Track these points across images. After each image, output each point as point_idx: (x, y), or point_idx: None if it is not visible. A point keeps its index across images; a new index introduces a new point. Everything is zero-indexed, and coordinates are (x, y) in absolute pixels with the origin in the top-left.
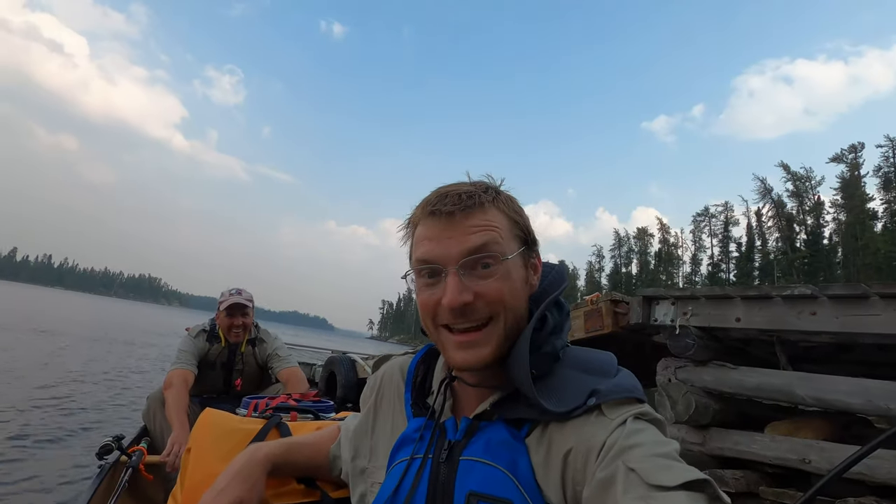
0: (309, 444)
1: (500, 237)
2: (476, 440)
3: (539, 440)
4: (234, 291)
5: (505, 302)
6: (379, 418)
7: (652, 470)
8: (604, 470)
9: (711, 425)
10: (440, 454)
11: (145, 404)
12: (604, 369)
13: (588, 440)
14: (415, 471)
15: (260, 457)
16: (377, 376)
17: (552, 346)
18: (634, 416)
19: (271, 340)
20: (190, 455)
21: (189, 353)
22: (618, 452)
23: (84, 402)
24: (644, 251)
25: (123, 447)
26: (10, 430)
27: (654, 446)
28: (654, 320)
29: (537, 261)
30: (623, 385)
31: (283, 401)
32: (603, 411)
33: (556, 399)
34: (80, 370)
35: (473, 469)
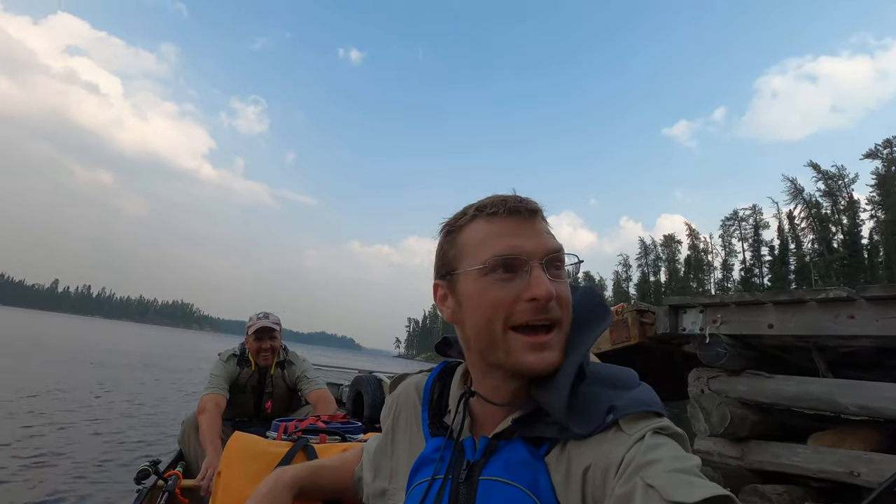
0: (334, 467)
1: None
2: (495, 459)
3: (559, 458)
4: (261, 315)
5: (569, 307)
6: (397, 439)
7: (671, 486)
8: (622, 486)
9: (749, 438)
10: (459, 474)
11: (180, 429)
12: (624, 383)
13: (607, 456)
14: (435, 492)
15: (286, 480)
16: (394, 396)
17: (581, 367)
18: (653, 430)
19: (299, 363)
20: (220, 478)
21: (221, 378)
22: (636, 468)
23: (126, 427)
24: (672, 258)
25: (160, 471)
26: (58, 454)
27: (674, 461)
28: (682, 329)
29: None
30: (640, 399)
31: (311, 423)
32: (621, 427)
33: (581, 419)
34: (124, 396)
35: (493, 489)
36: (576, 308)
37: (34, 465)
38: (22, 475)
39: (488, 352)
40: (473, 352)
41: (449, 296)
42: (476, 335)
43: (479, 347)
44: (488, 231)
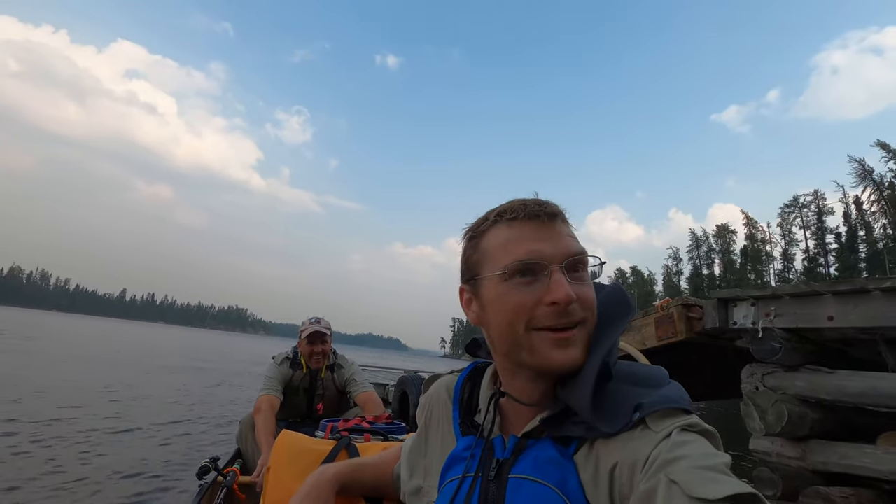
0: (374, 465)
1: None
2: (524, 458)
3: (587, 457)
4: (313, 320)
5: (592, 309)
6: (430, 438)
7: (695, 482)
8: (646, 483)
9: (810, 437)
10: (489, 472)
11: (238, 428)
12: (654, 381)
13: (633, 454)
14: (466, 490)
15: (328, 477)
16: (427, 396)
17: (606, 365)
18: (680, 427)
19: (348, 366)
20: (269, 474)
21: (275, 380)
22: (661, 465)
23: (191, 426)
24: (727, 250)
25: (219, 468)
26: (133, 451)
27: (701, 458)
28: (732, 324)
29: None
30: (668, 396)
31: (357, 423)
32: (648, 424)
33: (607, 417)
34: (191, 397)
35: (522, 487)
36: (601, 306)
37: (110, 457)
38: (102, 468)
39: (513, 353)
40: (499, 353)
41: (473, 300)
42: (500, 337)
43: (504, 349)
44: (509, 236)
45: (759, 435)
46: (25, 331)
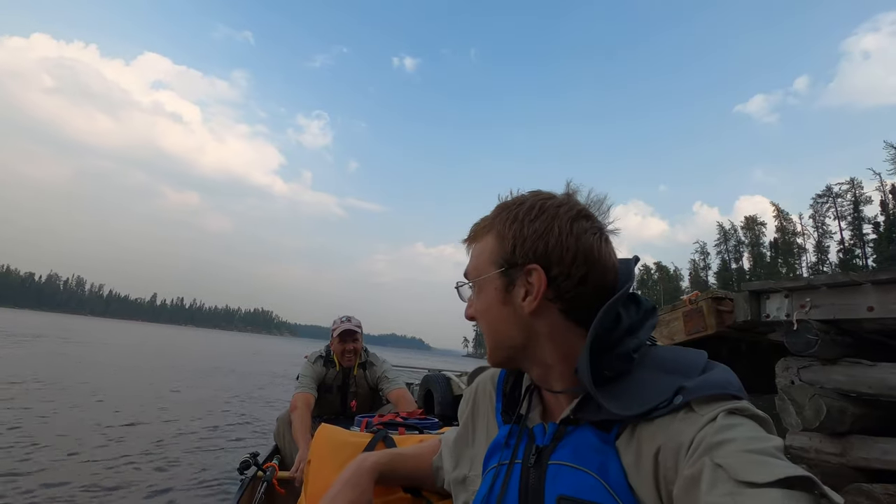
0: (412, 455)
1: (481, 264)
2: (564, 445)
3: (629, 442)
4: (344, 319)
5: (482, 318)
6: (476, 428)
7: (742, 465)
8: (690, 467)
9: (851, 432)
10: (528, 459)
11: (275, 425)
12: (689, 367)
13: (677, 437)
14: (504, 476)
15: (367, 466)
16: (472, 388)
17: (625, 347)
18: (728, 411)
19: (380, 364)
20: (310, 466)
21: (309, 378)
22: (706, 449)
23: (231, 423)
24: (756, 243)
25: (259, 463)
26: (179, 446)
27: (749, 442)
28: (765, 316)
29: (532, 279)
30: (712, 381)
31: (391, 418)
32: (693, 408)
33: (626, 400)
34: (228, 396)
35: (561, 473)
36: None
37: (160, 457)
38: (149, 460)
39: None
40: None
41: None
42: None
43: None
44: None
45: (795, 431)
46: (67, 335)
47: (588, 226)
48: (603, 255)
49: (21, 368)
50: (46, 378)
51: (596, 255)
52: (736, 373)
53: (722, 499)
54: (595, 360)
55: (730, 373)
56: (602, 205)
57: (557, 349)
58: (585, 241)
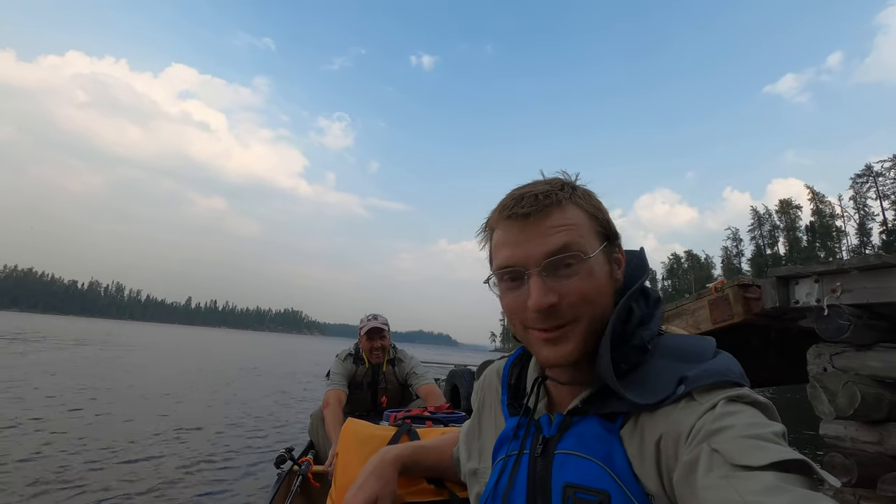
0: (434, 447)
1: (580, 235)
2: (569, 435)
3: (632, 431)
4: (371, 317)
5: (590, 300)
6: (483, 421)
7: (737, 450)
8: (689, 454)
9: (889, 420)
10: (535, 449)
11: (309, 421)
12: (697, 355)
13: (678, 425)
14: (513, 466)
15: (390, 458)
16: (479, 382)
17: (640, 338)
18: (728, 398)
19: (408, 360)
20: (338, 458)
21: (340, 375)
22: (704, 436)
23: (267, 420)
24: (792, 227)
25: (294, 458)
26: (220, 442)
27: (747, 428)
28: (795, 302)
29: (620, 255)
30: (713, 369)
31: (418, 413)
32: (694, 397)
33: (643, 391)
34: (265, 395)
35: (567, 462)
36: (627, 277)
37: (198, 450)
38: (191, 457)
39: (526, 345)
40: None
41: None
42: (513, 331)
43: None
44: (498, 238)
45: (829, 419)
46: (115, 340)
47: None
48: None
49: (80, 373)
50: (105, 382)
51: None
52: (767, 362)
53: (717, 481)
54: (611, 353)
55: (732, 360)
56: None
57: None
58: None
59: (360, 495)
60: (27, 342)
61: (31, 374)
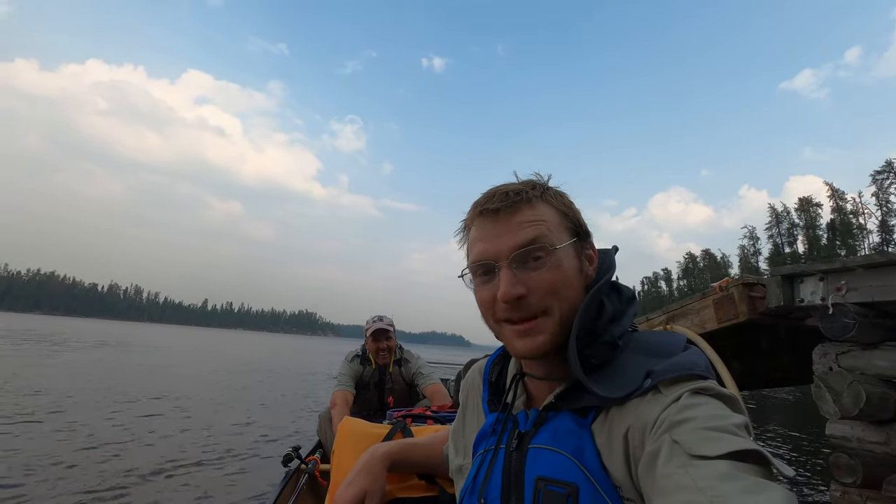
0: (424, 445)
1: (548, 230)
2: (544, 430)
3: (602, 425)
4: (375, 319)
5: (557, 292)
6: (467, 418)
7: (695, 441)
8: (652, 444)
9: (895, 420)
10: (511, 444)
11: (317, 421)
12: (666, 351)
13: (644, 417)
14: (490, 461)
15: (379, 455)
16: (465, 380)
17: (610, 335)
18: (692, 391)
19: (414, 360)
20: (335, 456)
21: (347, 376)
22: (667, 427)
23: (276, 419)
24: (812, 225)
25: (301, 456)
26: (228, 440)
27: (708, 420)
28: (799, 301)
29: (592, 252)
30: (679, 363)
31: (420, 412)
32: (660, 389)
33: (611, 385)
34: (276, 395)
35: (540, 456)
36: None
37: (208, 447)
38: (202, 454)
39: (500, 339)
40: None
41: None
42: (487, 325)
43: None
44: (473, 234)
45: (834, 419)
46: (144, 341)
47: None
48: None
49: (100, 375)
50: (133, 384)
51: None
52: (777, 362)
53: (675, 470)
54: (582, 348)
55: (698, 355)
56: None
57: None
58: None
59: (350, 490)
60: (84, 347)
61: (67, 376)
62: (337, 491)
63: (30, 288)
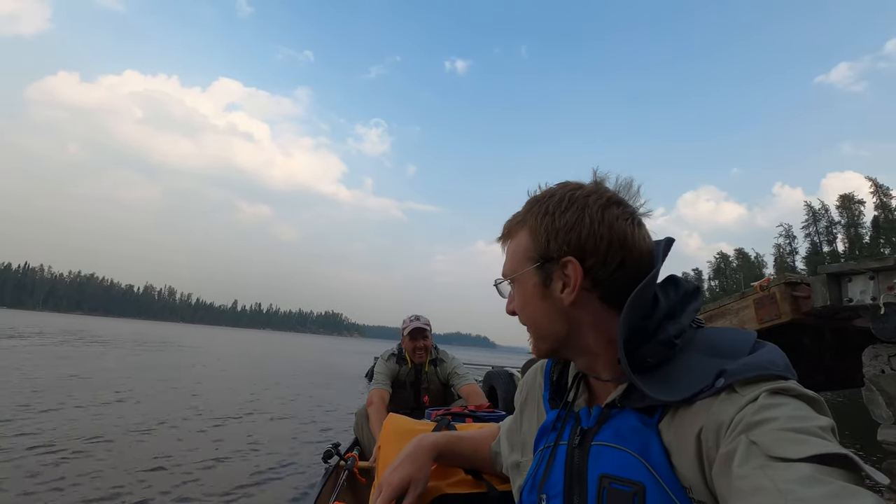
0: (471, 439)
1: (516, 262)
2: (607, 427)
3: (670, 424)
4: (413, 318)
5: (524, 314)
6: (525, 415)
7: (776, 442)
8: (727, 445)
9: None
10: (573, 440)
11: (354, 419)
12: (735, 349)
13: (718, 417)
14: (549, 457)
15: (426, 444)
16: (524, 378)
17: (666, 333)
18: (770, 391)
19: (450, 360)
20: (380, 451)
21: (383, 375)
22: (743, 428)
23: (316, 418)
24: (853, 223)
25: (340, 453)
26: (272, 440)
27: (790, 420)
28: (847, 301)
29: (571, 272)
30: (755, 362)
31: (459, 411)
32: (735, 389)
33: (671, 386)
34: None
35: (603, 453)
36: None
37: (253, 444)
38: (246, 451)
39: None
40: None
41: None
42: None
43: None
44: None
45: (887, 424)
46: (179, 342)
47: (619, 212)
48: (637, 239)
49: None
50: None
51: (630, 241)
52: (822, 365)
53: (752, 471)
54: (635, 348)
55: (776, 352)
56: (631, 188)
57: (601, 337)
58: (618, 227)
59: (395, 475)
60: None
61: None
62: (382, 475)
63: (72, 289)
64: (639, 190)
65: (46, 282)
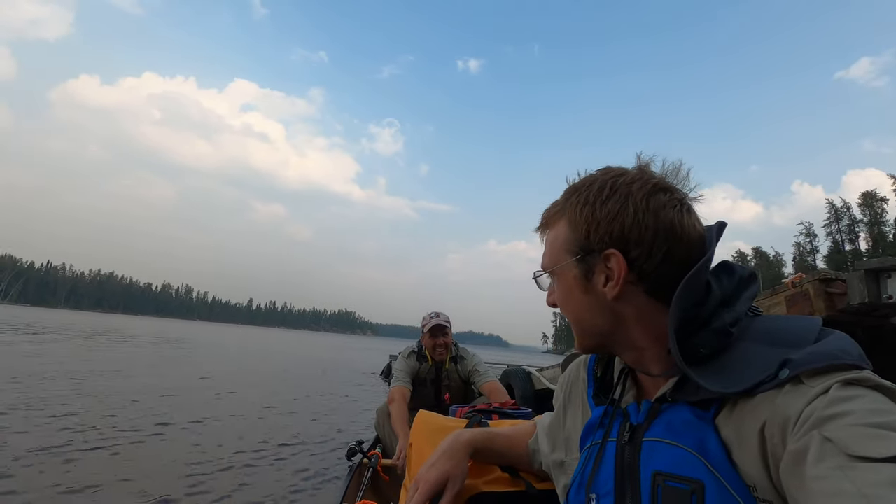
0: (508, 436)
1: (555, 254)
2: (658, 422)
3: (728, 418)
4: (433, 315)
5: (565, 308)
6: (568, 413)
7: (855, 439)
8: (796, 442)
9: None
10: (623, 437)
11: (375, 417)
12: (798, 337)
13: (783, 411)
14: (597, 454)
15: (463, 440)
16: (565, 375)
17: (721, 321)
18: (843, 382)
19: (470, 357)
20: (412, 448)
21: (404, 372)
22: (815, 423)
23: (332, 415)
24: (877, 221)
25: (364, 451)
26: (294, 436)
27: (866, 415)
28: (886, 298)
29: (614, 264)
30: (823, 351)
31: (484, 407)
32: (802, 380)
33: (728, 377)
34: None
35: (656, 449)
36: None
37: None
38: (273, 451)
39: None
40: None
41: None
42: None
43: None
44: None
45: None
46: (201, 338)
47: (666, 199)
48: (686, 227)
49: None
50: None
51: (678, 230)
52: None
53: (830, 472)
54: (686, 338)
55: (846, 340)
56: (679, 172)
57: (648, 331)
58: (665, 216)
59: (433, 472)
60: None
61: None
62: (419, 471)
63: (92, 287)
64: (688, 174)
65: (68, 280)
